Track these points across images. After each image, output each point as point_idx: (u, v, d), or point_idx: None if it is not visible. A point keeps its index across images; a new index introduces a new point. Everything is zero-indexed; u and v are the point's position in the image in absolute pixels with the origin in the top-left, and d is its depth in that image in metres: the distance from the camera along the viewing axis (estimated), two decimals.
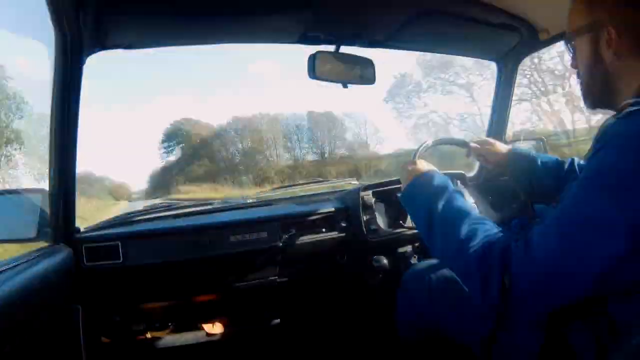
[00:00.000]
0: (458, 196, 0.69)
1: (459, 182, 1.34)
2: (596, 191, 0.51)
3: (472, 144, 1.07)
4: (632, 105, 0.54)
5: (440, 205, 0.67)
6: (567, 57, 0.70)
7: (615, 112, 0.58)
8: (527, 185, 0.99)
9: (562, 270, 0.50)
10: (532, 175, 0.97)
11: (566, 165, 0.96)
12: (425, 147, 0.99)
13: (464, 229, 0.61)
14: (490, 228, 0.61)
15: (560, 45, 1.52)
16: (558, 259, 0.50)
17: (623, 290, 0.53)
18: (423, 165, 0.81)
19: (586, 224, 0.50)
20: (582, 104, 0.69)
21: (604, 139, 0.53)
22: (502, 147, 1.05)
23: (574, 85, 0.73)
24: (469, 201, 0.69)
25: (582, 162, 0.96)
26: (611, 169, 0.50)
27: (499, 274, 0.53)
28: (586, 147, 0.62)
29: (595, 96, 0.66)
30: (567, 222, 0.52)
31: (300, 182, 1.60)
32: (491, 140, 1.07)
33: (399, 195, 0.81)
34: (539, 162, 0.97)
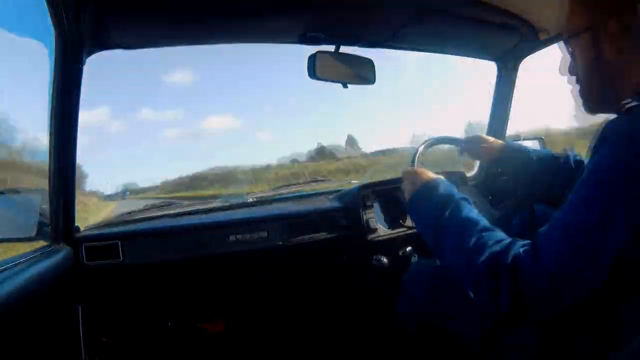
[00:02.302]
0: (465, 204, 0.67)
1: (459, 181, 1.34)
2: (596, 190, 0.51)
3: (464, 141, 1.07)
4: (630, 102, 0.54)
5: (447, 214, 0.66)
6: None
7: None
8: (523, 180, 0.99)
9: (570, 274, 0.50)
10: (527, 170, 0.97)
11: (561, 160, 0.96)
12: (420, 151, 0.99)
13: (472, 240, 0.60)
14: (498, 237, 0.60)
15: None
16: (565, 263, 0.50)
17: (628, 290, 0.53)
18: (427, 174, 0.79)
19: (589, 225, 0.50)
20: None
21: (603, 136, 0.53)
22: (495, 143, 1.04)
23: None
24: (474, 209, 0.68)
25: (577, 156, 0.96)
26: (610, 166, 0.50)
27: (509, 285, 0.53)
28: None
29: (596, 98, 0.65)
30: (571, 224, 0.51)
31: (300, 181, 1.60)
32: (483, 136, 1.07)
33: (402, 199, 0.81)
34: (534, 157, 0.97)
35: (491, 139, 1.06)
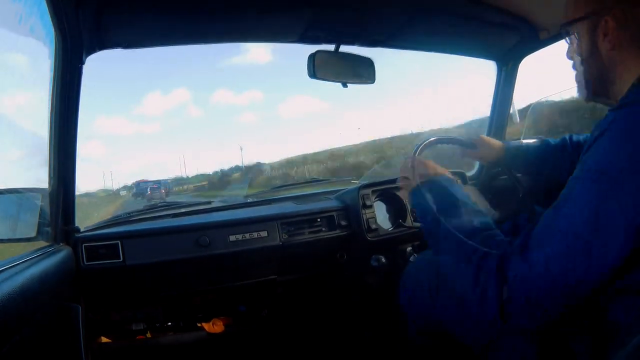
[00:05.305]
0: (465, 209, 0.66)
1: (459, 180, 1.34)
2: (593, 189, 0.49)
3: (465, 143, 1.08)
4: (625, 97, 0.54)
5: (448, 214, 0.65)
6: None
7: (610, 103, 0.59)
8: (525, 179, 0.99)
9: (562, 276, 0.48)
10: (529, 166, 0.98)
11: (559, 145, 0.97)
12: (426, 144, 0.99)
13: (465, 246, 0.60)
14: (491, 235, 0.59)
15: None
16: (557, 264, 0.49)
17: (623, 290, 0.52)
18: (435, 167, 0.78)
19: (586, 226, 0.48)
20: None
21: (600, 130, 0.52)
22: (495, 144, 1.05)
23: None
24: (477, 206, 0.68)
25: (574, 137, 0.97)
26: (607, 164, 0.49)
27: (496, 286, 0.52)
28: None
29: (591, 87, 0.65)
30: (563, 225, 0.50)
31: (300, 181, 1.60)
32: (484, 137, 1.08)
33: (397, 192, 0.81)
34: (532, 151, 0.99)
35: (492, 140, 1.06)
